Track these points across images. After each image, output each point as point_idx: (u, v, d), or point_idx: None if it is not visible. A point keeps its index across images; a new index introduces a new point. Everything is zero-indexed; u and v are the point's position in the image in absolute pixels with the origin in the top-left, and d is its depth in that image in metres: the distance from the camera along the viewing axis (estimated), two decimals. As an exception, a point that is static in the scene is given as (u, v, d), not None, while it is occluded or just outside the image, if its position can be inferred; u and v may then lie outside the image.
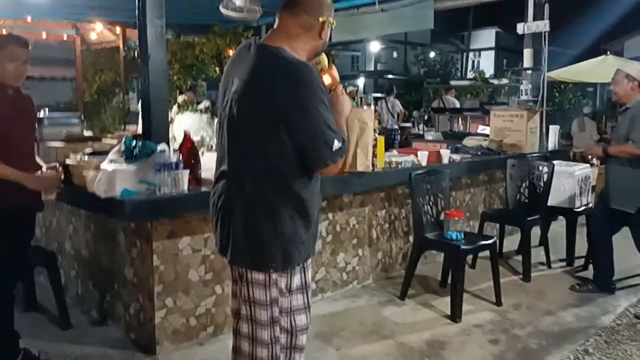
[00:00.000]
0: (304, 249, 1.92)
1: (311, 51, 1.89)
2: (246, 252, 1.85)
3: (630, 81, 3.66)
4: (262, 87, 1.75)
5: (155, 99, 2.90)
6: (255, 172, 1.81)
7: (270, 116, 1.74)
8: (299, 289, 2.02)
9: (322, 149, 1.75)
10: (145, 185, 2.65)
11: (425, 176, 3.74)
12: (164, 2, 2.96)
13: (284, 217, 1.82)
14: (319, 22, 1.85)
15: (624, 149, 3.64)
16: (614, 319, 3.49)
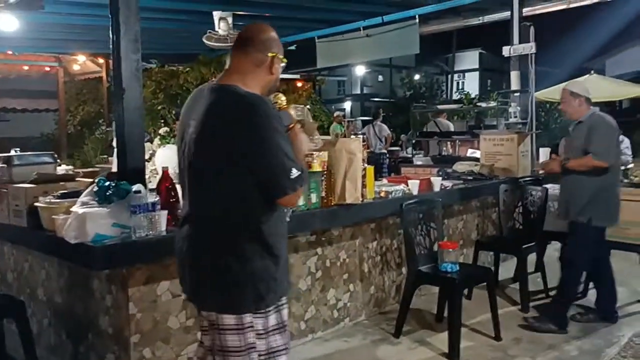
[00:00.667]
0: (277, 286, 1.88)
1: (264, 87, 1.93)
2: (216, 295, 1.82)
3: (577, 98, 3.65)
4: (217, 125, 1.78)
5: (130, 137, 2.76)
6: (218, 213, 1.82)
7: (228, 152, 1.76)
8: (275, 329, 1.94)
9: (281, 178, 1.76)
10: (119, 228, 2.48)
11: (417, 206, 3.60)
12: (139, 36, 2.84)
13: (250, 255, 1.80)
14: (268, 57, 1.91)
15: (584, 162, 3.57)
16: (619, 351, 3.34)
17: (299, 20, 7.91)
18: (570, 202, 3.66)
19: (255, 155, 1.75)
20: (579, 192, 3.61)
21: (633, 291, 4.26)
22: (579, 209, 3.59)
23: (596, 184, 3.54)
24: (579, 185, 3.61)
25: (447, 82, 31.09)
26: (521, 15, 5.66)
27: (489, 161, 4.97)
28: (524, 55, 5.49)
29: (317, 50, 8.52)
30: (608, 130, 3.57)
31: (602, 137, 3.53)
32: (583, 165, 3.58)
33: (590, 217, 3.53)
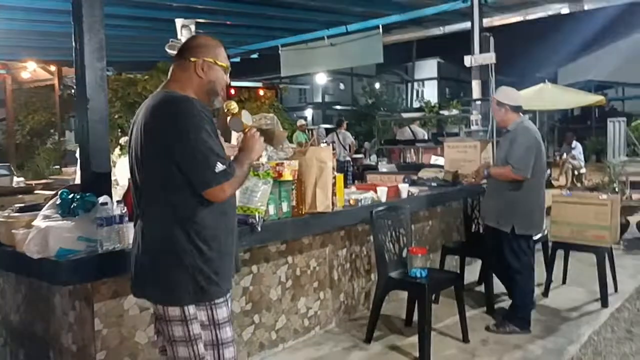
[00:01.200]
0: (219, 279, 1.97)
1: (199, 90, 2.04)
2: (158, 288, 1.94)
3: (502, 107, 3.72)
4: (150, 125, 1.92)
5: (95, 148, 2.68)
6: (155, 209, 1.94)
7: (157, 150, 1.90)
8: (225, 322, 2.02)
9: (205, 172, 1.86)
10: (85, 242, 2.39)
11: (386, 213, 3.64)
12: (104, 44, 2.78)
13: (188, 249, 1.90)
14: (191, 62, 2.03)
15: (503, 172, 3.68)
16: (579, 348, 3.46)
17: (263, 28, 7.93)
18: (492, 210, 3.76)
19: (179, 150, 1.86)
20: (501, 200, 3.69)
21: (590, 291, 4.42)
22: (502, 217, 3.67)
23: (517, 193, 3.61)
24: (501, 194, 3.70)
25: (407, 91, 31.66)
26: (481, 26, 5.83)
27: (452, 168, 5.08)
28: (485, 64, 5.65)
29: (281, 58, 8.55)
30: (528, 143, 3.61)
31: (522, 150, 3.58)
32: (502, 175, 3.70)
33: (513, 226, 3.62)
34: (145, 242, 1.96)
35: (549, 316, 3.96)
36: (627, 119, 11.50)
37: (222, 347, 2.01)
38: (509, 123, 3.72)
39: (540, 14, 6.78)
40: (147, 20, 6.95)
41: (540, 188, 3.76)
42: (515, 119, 3.71)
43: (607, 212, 4.02)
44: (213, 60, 2.04)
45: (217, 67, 2.05)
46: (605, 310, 4.05)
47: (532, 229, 3.72)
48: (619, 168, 7.29)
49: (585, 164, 11.69)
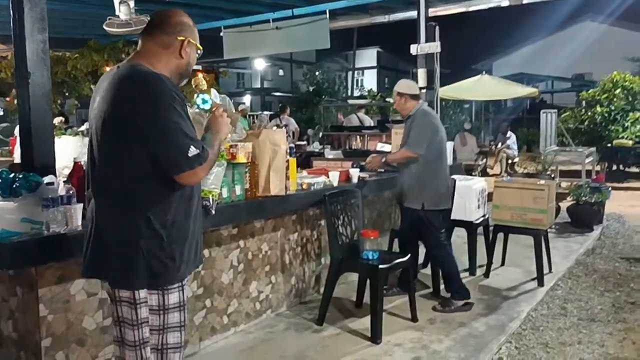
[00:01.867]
0: (175, 266, 1.89)
1: (175, 71, 1.94)
2: (111, 271, 1.86)
3: (402, 96, 3.97)
4: (114, 101, 1.79)
5: (37, 125, 2.52)
6: (114, 190, 1.84)
7: (124, 129, 1.78)
8: (175, 307, 1.96)
9: (177, 156, 1.77)
10: (29, 224, 2.26)
11: (339, 196, 3.66)
12: (45, 14, 2.61)
13: (145, 233, 1.82)
14: (178, 41, 1.91)
15: (399, 155, 3.99)
16: (520, 325, 3.66)
17: (205, 8, 7.68)
18: (404, 191, 3.96)
19: (150, 133, 1.76)
20: (409, 181, 3.92)
21: (527, 271, 4.67)
22: (412, 197, 3.90)
23: (423, 173, 3.86)
24: (409, 175, 3.92)
25: (348, 79, 31.88)
26: (427, 15, 5.94)
27: (399, 153, 5.16)
28: (430, 53, 5.77)
29: (224, 40, 8.33)
30: (424, 122, 3.89)
31: (418, 129, 3.86)
32: (399, 158, 3.98)
33: (423, 203, 3.85)
34: (102, 224, 1.86)
35: (490, 295, 4.16)
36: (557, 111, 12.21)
37: (167, 331, 1.95)
38: (410, 110, 3.95)
39: (481, 6, 7.00)
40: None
41: (443, 167, 4.02)
42: (414, 106, 3.95)
43: (545, 196, 4.25)
44: (194, 41, 1.96)
45: (192, 48, 1.96)
46: (542, 289, 4.29)
47: (441, 204, 3.94)
48: (551, 157, 7.71)
49: (518, 153, 12.30)
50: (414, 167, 3.88)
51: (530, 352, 3.28)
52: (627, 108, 11.67)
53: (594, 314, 3.85)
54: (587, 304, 4.06)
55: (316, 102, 22.38)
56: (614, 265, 5.11)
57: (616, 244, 5.94)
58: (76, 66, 9.66)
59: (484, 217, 4.85)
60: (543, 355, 3.24)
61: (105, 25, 6.08)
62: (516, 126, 16.00)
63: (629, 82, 11.86)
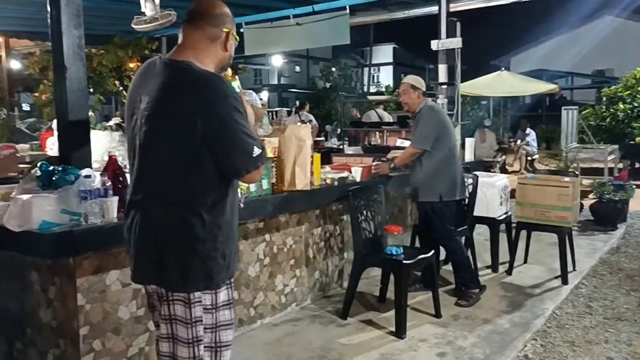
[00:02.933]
0: (227, 265, 1.87)
1: (218, 64, 1.89)
2: (167, 276, 1.79)
3: (416, 90, 3.96)
4: (174, 103, 1.73)
5: (74, 119, 2.58)
6: (171, 192, 1.77)
7: (185, 131, 1.71)
8: (225, 305, 1.94)
9: (243, 157, 1.75)
10: (68, 215, 2.32)
11: (362, 192, 3.69)
12: (81, 10, 2.66)
13: (203, 235, 1.78)
14: (223, 33, 1.86)
15: (405, 156, 4.02)
16: (544, 322, 3.65)
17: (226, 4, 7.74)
18: (419, 186, 3.99)
19: (216, 135, 1.72)
20: (423, 175, 3.94)
21: (551, 269, 4.65)
22: (428, 190, 3.92)
23: (438, 165, 3.90)
24: (422, 169, 3.95)
25: (365, 75, 31.81)
26: (448, 11, 5.91)
27: (421, 150, 5.16)
28: (451, 49, 5.75)
29: (245, 36, 8.35)
30: (431, 118, 3.92)
31: (424, 125, 3.90)
32: (406, 158, 4.02)
33: (440, 194, 3.89)
34: (153, 227, 1.79)
35: (513, 292, 4.15)
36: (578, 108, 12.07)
37: (219, 329, 1.94)
38: (416, 107, 3.97)
39: (503, 1, 6.93)
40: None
41: (456, 159, 4.10)
42: (421, 103, 3.97)
43: (570, 193, 4.23)
44: (231, 32, 1.90)
45: (232, 40, 1.91)
46: (566, 287, 4.27)
47: (457, 195, 4.01)
48: (573, 154, 7.64)
49: (537, 150, 12.19)
50: (425, 162, 3.91)
51: (556, 350, 3.28)
52: (651, 105, 11.50)
53: (620, 313, 3.83)
54: (612, 302, 4.03)
55: (333, 99, 22.38)
56: (639, 264, 5.06)
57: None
58: (101, 62, 9.79)
59: (507, 214, 4.83)
60: (569, 354, 3.23)
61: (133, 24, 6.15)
62: (535, 123, 15.83)
63: (652, 78, 11.67)
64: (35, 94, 10.42)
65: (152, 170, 1.79)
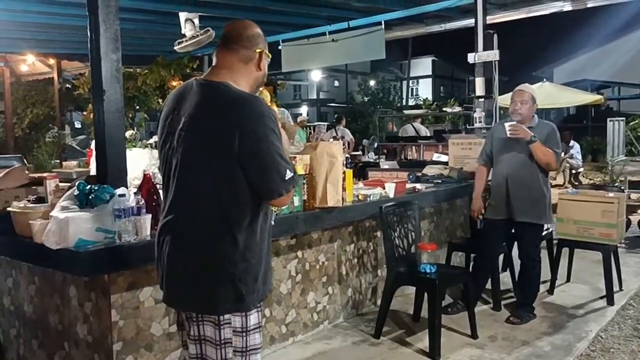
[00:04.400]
0: (258, 288, 1.85)
1: (253, 84, 1.93)
2: (196, 298, 1.79)
3: (534, 103, 3.79)
4: (210, 122, 1.75)
5: (111, 140, 2.67)
6: (204, 212, 1.77)
7: (221, 151, 1.72)
8: (256, 328, 1.90)
9: (276, 180, 1.75)
10: (103, 233, 2.39)
11: (395, 208, 3.64)
12: (119, 35, 2.76)
13: (234, 257, 1.77)
14: (256, 54, 1.90)
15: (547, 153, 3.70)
16: (588, 346, 3.48)
17: (264, 23, 7.86)
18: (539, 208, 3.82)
19: (251, 156, 1.72)
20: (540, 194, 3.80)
21: (595, 289, 4.46)
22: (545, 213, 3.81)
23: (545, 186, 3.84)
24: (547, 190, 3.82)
25: (403, 88, 31.69)
26: (485, 23, 5.83)
27: (457, 165, 5.09)
28: (488, 62, 5.66)
29: (282, 54, 8.51)
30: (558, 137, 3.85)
31: (557, 141, 3.79)
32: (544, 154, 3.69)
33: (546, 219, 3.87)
34: (184, 247, 1.79)
35: (555, 313, 3.99)
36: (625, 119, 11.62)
37: (250, 353, 1.89)
38: (529, 121, 3.79)
39: (542, 12, 6.80)
40: (147, 13, 6.89)
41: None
42: (534, 119, 3.83)
43: (615, 209, 4.05)
44: (267, 52, 1.96)
45: (266, 59, 1.95)
46: (612, 308, 4.08)
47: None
48: (619, 167, 7.34)
49: (582, 163, 11.79)
50: (545, 180, 3.80)
51: (599, 374, 3.13)
52: None
53: (669, 336, 3.62)
54: (662, 325, 3.82)
55: (371, 112, 22.37)
56: (691, 283, 4.79)
57: (693, 261, 5.57)
58: (146, 81, 10.15)
59: (548, 231, 4.67)
60: (614, 378, 3.08)
61: (176, 47, 6.36)
62: (580, 135, 15.33)
63: None
64: (84, 112, 10.88)
65: (186, 190, 1.79)
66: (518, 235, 3.91)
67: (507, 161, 3.84)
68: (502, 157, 3.88)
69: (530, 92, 3.80)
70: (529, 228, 3.80)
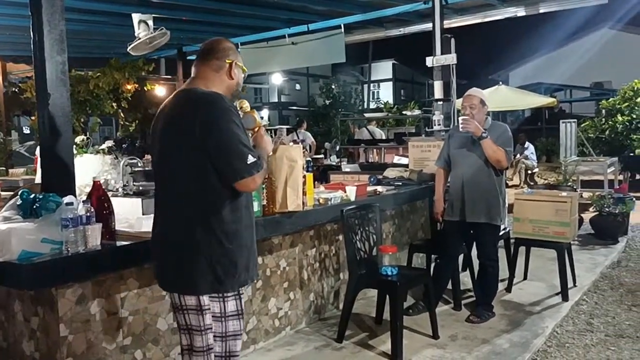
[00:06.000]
0: (237, 272, 2.05)
1: (226, 91, 2.15)
2: (177, 277, 2.04)
3: (484, 106, 3.83)
4: (181, 120, 2.02)
5: (57, 146, 2.55)
6: (181, 200, 2.03)
7: (189, 143, 1.98)
8: (234, 315, 2.13)
9: (237, 163, 1.96)
10: (49, 244, 2.27)
11: (356, 211, 3.63)
12: (64, 36, 2.65)
13: (210, 241, 1.99)
14: (226, 64, 2.14)
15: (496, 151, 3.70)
16: (544, 342, 3.55)
17: (222, 25, 7.79)
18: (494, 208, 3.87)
19: (213, 143, 1.94)
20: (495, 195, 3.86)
21: (551, 285, 4.56)
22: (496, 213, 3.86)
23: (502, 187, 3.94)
24: (500, 191, 3.86)
25: (364, 92, 31.93)
26: (442, 28, 5.92)
27: (417, 167, 5.13)
28: (446, 65, 5.74)
29: (241, 56, 8.41)
30: (510, 136, 3.90)
31: (509, 138, 3.84)
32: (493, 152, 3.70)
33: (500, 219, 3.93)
34: (167, 233, 2.05)
35: (513, 311, 4.06)
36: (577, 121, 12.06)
37: (229, 339, 2.12)
38: (484, 123, 3.82)
39: (497, 17, 6.96)
40: (97, 14, 6.68)
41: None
42: (487, 123, 3.86)
43: (568, 208, 4.16)
44: (241, 64, 2.20)
45: (239, 70, 2.19)
46: (566, 303, 4.18)
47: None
48: (572, 167, 7.58)
49: (536, 164, 12.13)
50: (499, 181, 3.85)
51: (556, 370, 3.19)
52: (649, 117, 11.46)
53: (621, 330, 3.74)
54: (614, 319, 3.94)
55: (332, 116, 22.43)
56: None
57: (642, 256, 5.79)
58: (98, 84, 9.86)
59: (505, 230, 4.76)
60: (570, 373, 3.14)
61: (130, 49, 6.18)
62: (535, 136, 15.80)
63: (650, 89, 11.65)
64: (32, 117, 10.47)
65: (165, 183, 2.10)
66: (476, 236, 3.96)
67: (463, 163, 3.89)
68: (459, 160, 3.93)
69: (479, 96, 3.85)
70: (486, 229, 3.85)
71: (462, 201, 3.86)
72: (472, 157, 3.83)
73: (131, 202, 3.40)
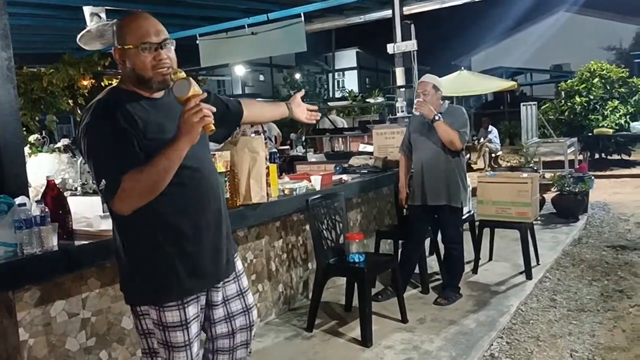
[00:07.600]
0: (181, 282, 1.84)
1: (129, 81, 1.82)
2: (121, 286, 1.95)
3: (437, 91, 3.88)
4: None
5: (7, 145, 2.45)
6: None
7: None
8: (176, 327, 1.86)
9: (99, 188, 1.72)
10: (2, 247, 2.19)
11: (322, 200, 3.63)
12: (8, 31, 2.53)
13: (122, 255, 1.88)
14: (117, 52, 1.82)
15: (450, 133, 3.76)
16: (510, 320, 3.65)
17: (179, 17, 7.61)
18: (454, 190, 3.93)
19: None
20: (455, 178, 3.91)
21: (515, 265, 4.68)
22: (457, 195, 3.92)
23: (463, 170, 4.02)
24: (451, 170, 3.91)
25: (328, 81, 31.90)
26: (402, 14, 5.94)
27: (382, 154, 5.16)
28: (407, 52, 5.77)
29: (200, 48, 8.25)
30: (466, 117, 3.94)
31: (465, 121, 3.88)
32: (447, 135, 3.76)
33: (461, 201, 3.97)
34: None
35: (479, 291, 4.15)
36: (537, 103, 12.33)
37: (173, 349, 1.88)
38: (440, 107, 3.85)
39: (456, 2, 7.01)
40: (45, 8, 6.42)
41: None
42: (442, 107, 3.89)
43: (529, 189, 4.26)
44: (121, 46, 1.77)
45: (131, 51, 1.74)
46: (530, 282, 4.30)
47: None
48: (533, 149, 7.75)
49: (501, 147, 12.38)
50: (457, 162, 3.88)
51: (521, 347, 3.28)
52: (606, 97, 11.79)
53: (583, 304, 3.86)
54: (575, 294, 4.07)
55: (298, 106, 22.26)
56: (600, 254, 5.15)
57: (602, 233, 5.99)
58: (52, 81, 9.51)
59: (470, 213, 4.84)
60: (534, 349, 3.23)
61: (80, 43, 5.96)
62: (498, 120, 16.12)
63: (605, 70, 11.99)
64: None
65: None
66: (439, 219, 4.02)
67: (421, 148, 3.94)
68: (418, 145, 3.98)
69: (431, 82, 3.89)
70: (447, 211, 3.91)
71: (423, 185, 3.91)
72: (429, 142, 3.88)
73: (91, 201, 3.31)
